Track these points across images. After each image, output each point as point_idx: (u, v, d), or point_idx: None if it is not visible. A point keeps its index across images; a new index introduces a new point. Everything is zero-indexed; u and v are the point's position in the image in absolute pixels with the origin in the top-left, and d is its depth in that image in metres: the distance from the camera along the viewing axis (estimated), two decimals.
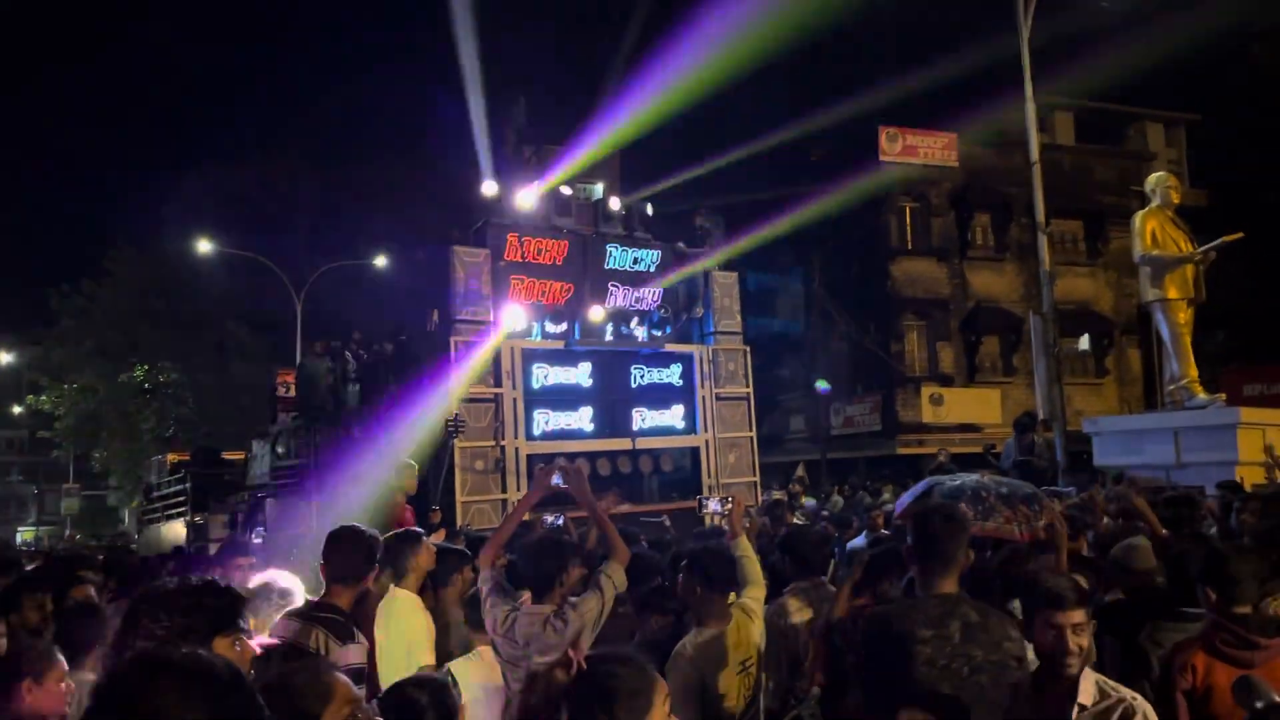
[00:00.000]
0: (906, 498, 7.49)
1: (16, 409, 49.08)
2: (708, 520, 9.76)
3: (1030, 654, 3.08)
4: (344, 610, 3.78)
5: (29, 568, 6.77)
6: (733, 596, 4.07)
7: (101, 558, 8.44)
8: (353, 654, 3.59)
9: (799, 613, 4.56)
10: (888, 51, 25.87)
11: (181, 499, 18.62)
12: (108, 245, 35.13)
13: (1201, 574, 3.59)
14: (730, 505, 4.62)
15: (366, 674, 3.70)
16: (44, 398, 37.03)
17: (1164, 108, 30.61)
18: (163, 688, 1.38)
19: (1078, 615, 2.95)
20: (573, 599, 3.72)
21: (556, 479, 4.18)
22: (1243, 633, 3.28)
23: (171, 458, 21.33)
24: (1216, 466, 9.86)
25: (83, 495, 44.95)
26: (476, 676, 3.90)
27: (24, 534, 53.04)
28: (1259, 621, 3.34)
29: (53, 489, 51.82)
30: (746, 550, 4.27)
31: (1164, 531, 5.59)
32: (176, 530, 18.48)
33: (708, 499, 7.37)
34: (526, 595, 3.84)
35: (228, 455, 19.91)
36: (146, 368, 33.57)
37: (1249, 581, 3.42)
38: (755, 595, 4.12)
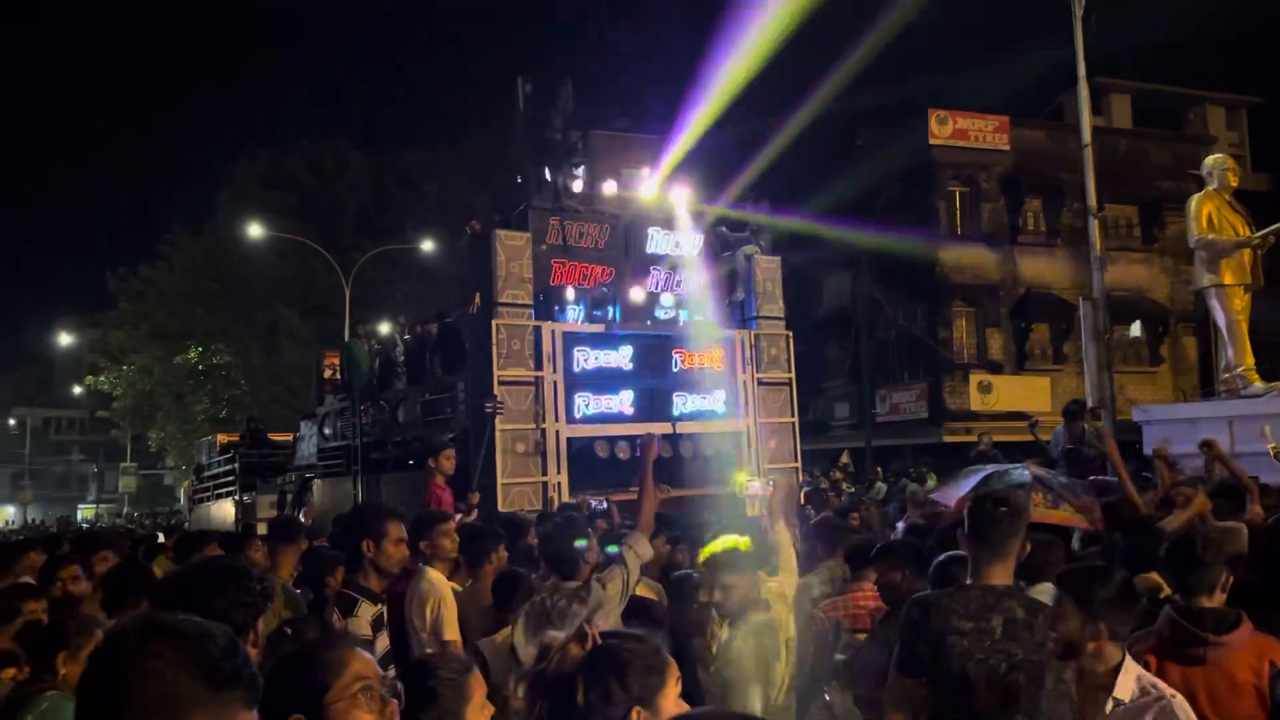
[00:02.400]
0: (961, 487, 7.26)
1: (77, 389, 50.35)
2: (749, 507, 9.73)
3: None
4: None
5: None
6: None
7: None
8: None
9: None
10: (939, 32, 25.47)
11: (230, 479, 18.97)
12: (164, 229, 35.85)
13: (1165, 563, 3.41)
14: (772, 489, 4.55)
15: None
16: (102, 378, 37.95)
17: (1226, 90, 29.85)
18: (156, 650, 1.39)
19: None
20: (599, 575, 3.75)
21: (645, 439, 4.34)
22: (1194, 629, 3.09)
23: (221, 438, 21.73)
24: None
25: (140, 474, 46.04)
26: (506, 654, 3.93)
27: (84, 511, 54.45)
28: (1214, 616, 3.14)
29: (111, 468, 53.12)
30: (784, 537, 4.23)
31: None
32: (226, 509, 18.84)
33: (752, 480, 7.29)
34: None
35: (275, 436, 20.24)
36: (200, 350, 34.23)
37: (1212, 572, 3.24)
38: (788, 581, 4.09)
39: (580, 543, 3.84)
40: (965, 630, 2.94)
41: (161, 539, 10.06)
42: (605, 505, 8.70)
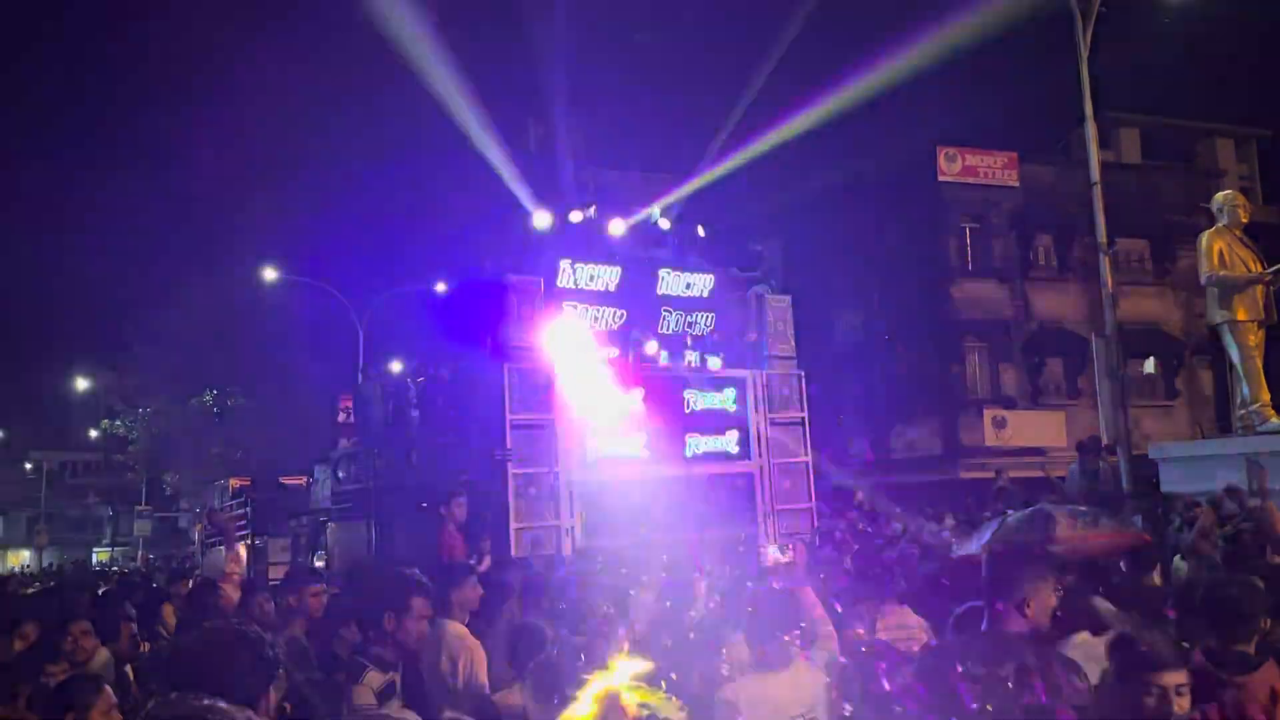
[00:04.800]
0: (980, 537, 7.11)
1: (93, 433, 50.58)
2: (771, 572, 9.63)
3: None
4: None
5: None
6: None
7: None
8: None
9: None
10: (947, 69, 25.62)
11: (243, 523, 18.94)
12: (179, 273, 36.21)
13: (1205, 608, 3.42)
14: (792, 554, 4.42)
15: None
16: (118, 422, 38.16)
17: (1235, 123, 29.91)
18: None
19: (1179, 676, 2.80)
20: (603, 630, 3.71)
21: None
22: (1214, 671, 3.14)
23: (233, 483, 21.75)
24: None
25: (155, 517, 46.03)
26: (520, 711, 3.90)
27: (99, 554, 54.41)
28: (1237, 658, 3.19)
29: (126, 511, 53.05)
30: (815, 600, 4.12)
31: None
32: (238, 553, 18.77)
33: (768, 546, 7.20)
34: None
35: (287, 480, 20.26)
36: (215, 392, 34.40)
37: (1255, 619, 3.30)
38: (827, 647, 3.97)
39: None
40: (978, 677, 2.94)
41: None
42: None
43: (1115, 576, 5.50)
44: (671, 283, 12.90)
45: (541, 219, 12.26)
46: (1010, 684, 2.90)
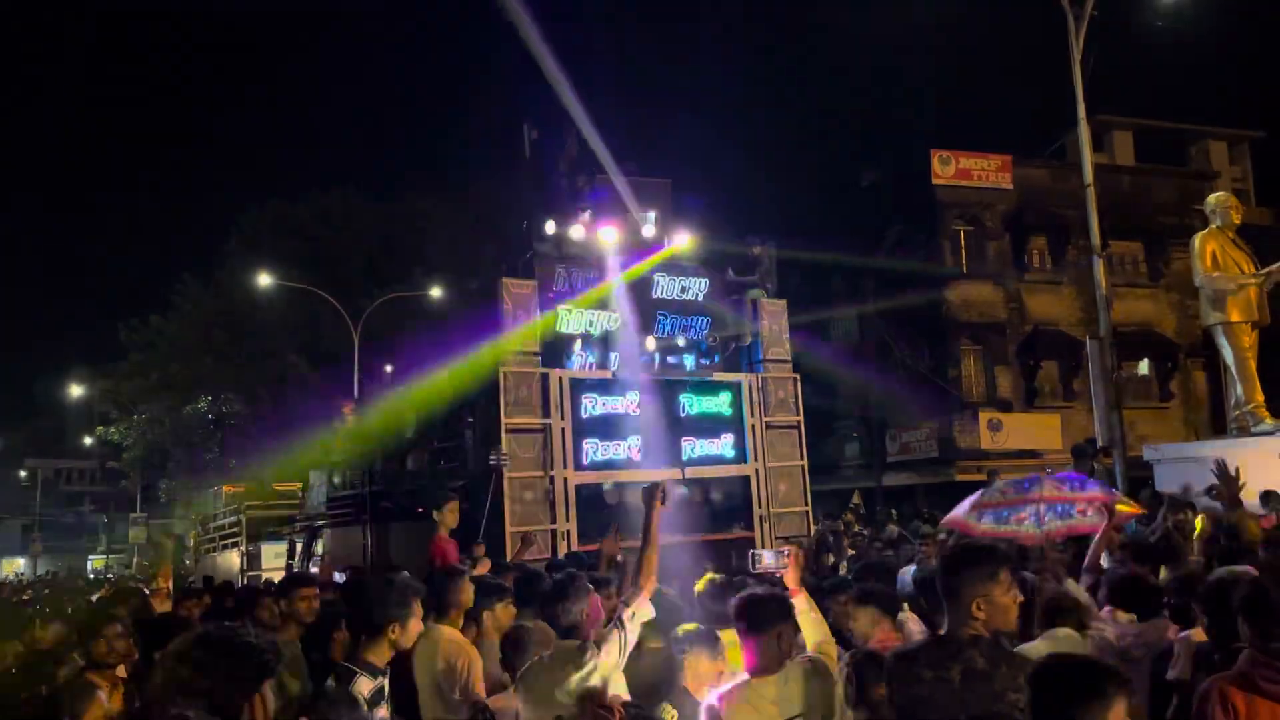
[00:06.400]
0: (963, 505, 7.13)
1: (88, 440, 50.48)
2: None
3: None
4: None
5: None
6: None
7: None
8: None
9: None
10: (941, 74, 25.71)
11: (236, 529, 18.95)
12: (174, 280, 36.13)
13: (1242, 606, 3.47)
14: (787, 558, 4.35)
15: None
16: (113, 429, 38.05)
17: (1227, 124, 30.00)
18: None
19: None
20: (597, 637, 3.69)
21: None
22: (1275, 662, 3.13)
23: (227, 489, 21.72)
24: None
25: (149, 524, 45.95)
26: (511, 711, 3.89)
27: (94, 561, 54.32)
28: None
29: (121, 518, 52.99)
30: (809, 606, 4.02)
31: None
32: (232, 560, 18.79)
33: (760, 552, 7.18)
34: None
35: (279, 487, 20.27)
36: (210, 399, 34.32)
37: None
38: (826, 651, 3.88)
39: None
40: (926, 679, 2.98)
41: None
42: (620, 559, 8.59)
43: (1114, 571, 5.51)
44: (666, 286, 12.91)
45: (536, 225, 12.26)
46: (957, 685, 2.91)
